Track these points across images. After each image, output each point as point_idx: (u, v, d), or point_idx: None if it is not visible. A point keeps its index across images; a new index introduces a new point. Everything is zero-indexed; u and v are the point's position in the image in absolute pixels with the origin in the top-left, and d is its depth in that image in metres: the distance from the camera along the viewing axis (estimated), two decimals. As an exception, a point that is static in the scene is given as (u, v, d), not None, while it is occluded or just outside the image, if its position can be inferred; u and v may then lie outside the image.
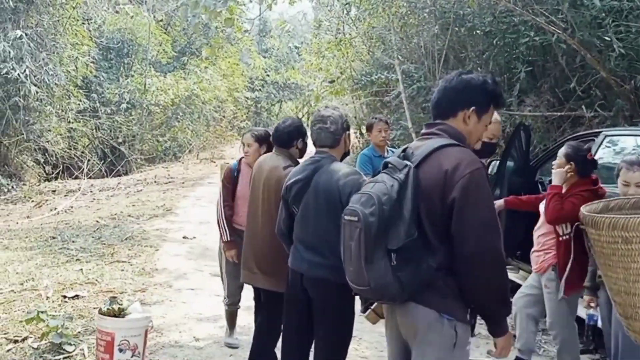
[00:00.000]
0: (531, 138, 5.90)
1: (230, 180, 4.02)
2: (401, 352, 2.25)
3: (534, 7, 6.50)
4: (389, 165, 2.14)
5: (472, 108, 2.18)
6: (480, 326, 4.02)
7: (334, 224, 2.58)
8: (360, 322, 2.95)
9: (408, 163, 2.09)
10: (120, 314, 3.50)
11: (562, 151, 3.52)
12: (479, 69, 7.92)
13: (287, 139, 3.33)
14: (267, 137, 3.86)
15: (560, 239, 3.42)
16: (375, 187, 2.08)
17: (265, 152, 3.73)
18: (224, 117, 19.48)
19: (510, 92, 7.24)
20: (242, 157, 4.08)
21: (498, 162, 4.99)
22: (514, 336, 3.56)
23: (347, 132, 2.98)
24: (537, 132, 7.21)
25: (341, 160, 2.98)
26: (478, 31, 8.18)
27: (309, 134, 3.14)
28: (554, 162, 3.59)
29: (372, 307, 2.51)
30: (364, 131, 13.30)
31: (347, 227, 2.12)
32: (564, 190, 3.44)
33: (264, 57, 26.65)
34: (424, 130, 2.28)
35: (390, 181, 2.06)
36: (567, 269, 3.36)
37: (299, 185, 2.86)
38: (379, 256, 2.01)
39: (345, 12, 12.29)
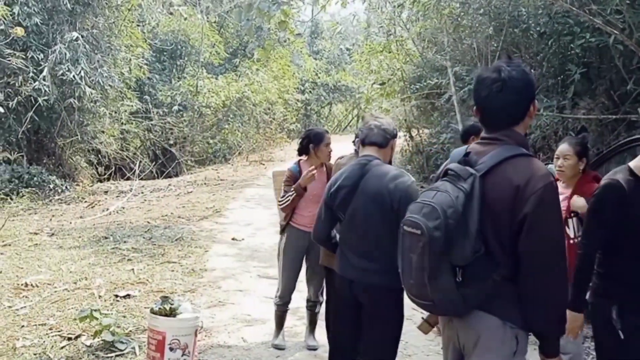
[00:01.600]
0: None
1: (294, 183, 4.00)
2: None
3: (591, 7, 6.25)
4: (451, 172, 2.00)
5: (533, 103, 2.06)
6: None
7: (384, 229, 2.59)
8: (407, 325, 2.85)
9: (473, 172, 1.96)
10: (171, 313, 3.47)
11: (569, 149, 3.32)
12: (532, 71, 7.71)
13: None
14: None
15: (571, 241, 3.18)
16: (438, 197, 1.95)
17: None
18: (273, 119, 19.53)
19: (564, 94, 7.05)
20: (300, 159, 4.13)
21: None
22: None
23: (395, 139, 2.93)
24: (591, 136, 6.93)
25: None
26: (533, 32, 7.97)
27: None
28: (558, 164, 3.35)
29: (425, 318, 2.43)
30: (413, 134, 13.10)
31: (408, 238, 2.01)
32: (569, 189, 3.30)
33: (315, 58, 26.67)
34: (485, 134, 2.12)
35: (454, 192, 1.93)
36: None
37: (345, 191, 2.78)
38: (443, 272, 1.92)
39: (396, 14, 12.13)
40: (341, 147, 5.68)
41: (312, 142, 4.07)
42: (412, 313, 2.61)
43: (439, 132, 10.78)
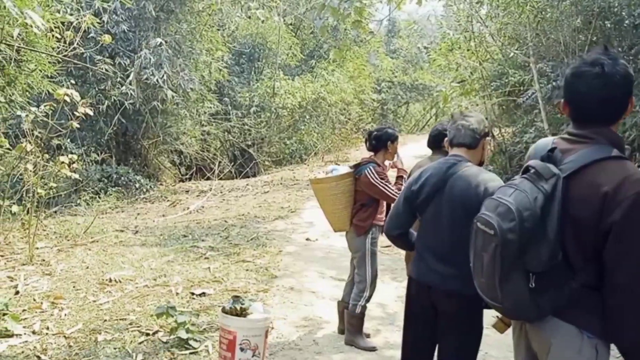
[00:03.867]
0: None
1: (386, 177, 4.12)
2: None
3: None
4: (531, 169, 1.85)
5: (631, 99, 1.87)
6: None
7: (469, 234, 2.39)
8: (487, 335, 2.69)
9: (557, 172, 1.81)
10: (242, 313, 3.50)
11: None
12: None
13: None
14: None
15: None
16: (515, 195, 1.81)
17: None
18: (349, 119, 19.53)
19: (661, 91, 6.52)
20: (373, 156, 4.23)
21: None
22: None
23: (487, 138, 2.77)
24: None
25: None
26: (626, 24, 7.43)
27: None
28: None
29: (499, 316, 2.29)
30: (495, 133, 12.65)
31: (480, 236, 1.90)
32: None
33: (392, 57, 26.43)
34: (574, 130, 1.94)
35: (533, 192, 1.79)
36: None
37: (429, 189, 2.65)
38: (516, 276, 1.80)
39: (475, 10, 11.75)
40: (418, 147, 5.58)
41: (390, 139, 4.18)
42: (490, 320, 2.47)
43: (522, 130, 10.37)
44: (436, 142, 3.99)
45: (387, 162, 4.29)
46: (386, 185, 4.03)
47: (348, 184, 4.17)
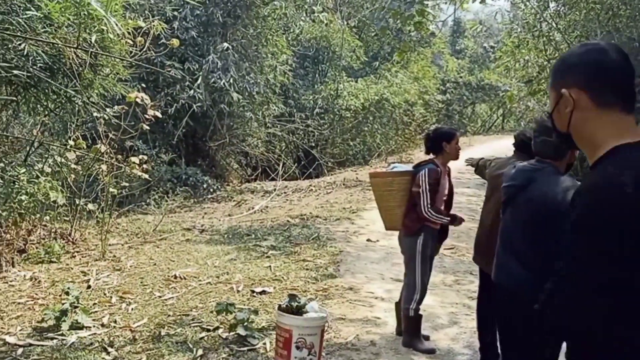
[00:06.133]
0: None
1: (440, 182, 4.10)
2: None
3: None
4: None
5: None
6: None
7: (548, 239, 2.38)
8: None
9: None
10: (298, 311, 3.54)
11: None
12: None
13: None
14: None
15: None
16: None
17: None
18: (413, 120, 19.34)
19: None
20: (433, 158, 4.17)
21: None
22: None
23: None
24: None
25: (566, 171, 2.76)
26: None
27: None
28: None
29: None
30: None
31: None
32: None
33: (457, 58, 25.97)
34: None
35: None
36: None
37: (511, 190, 2.70)
38: None
39: (542, 8, 11.35)
40: (485, 148, 5.48)
41: (444, 139, 4.09)
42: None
43: (593, 130, 9.90)
44: (522, 145, 3.84)
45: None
46: (426, 194, 3.97)
47: (404, 183, 4.14)
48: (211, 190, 12.11)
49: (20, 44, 5.19)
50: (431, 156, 4.19)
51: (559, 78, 1.54)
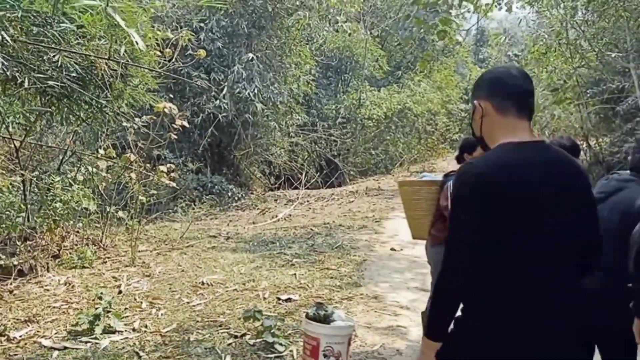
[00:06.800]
0: None
1: None
2: None
3: None
4: None
5: None
6: None
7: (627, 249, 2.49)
8: None
9: None
10: (325, 320, 3.59)
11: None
12: None
13: None
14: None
15: None
16: None
17: None
18: (435, 129, 19.31)
19: None
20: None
21: None
22: None
23: None
24: None
25: None
26: None
27: None
28: None
29: None
30: (591, 143, 12.06)
31: None
32: None
33: (480, 67, 25.89)
34: None
35: None
36: None
37: (600, 197, 2.78)
38: None
39: (569, 15, 11.28)
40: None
41: (466, 150, 4.10)
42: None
43: (622, 139, 9.84)
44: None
45: None
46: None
47: (433, 192, 4.16)
48: (235, 198, 12.26)
49: (54, 56, 5.39)
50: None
51: (475, 92, 1.92)
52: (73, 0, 4.57)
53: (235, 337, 4.37)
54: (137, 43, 5.16)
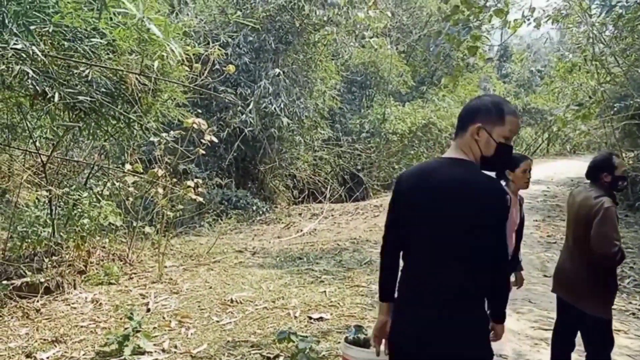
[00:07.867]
0: None
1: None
2: None
3: None
4: None
5: None
6: None
7: None
8: None
9: None
10: (365, 344, 3.46)
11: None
12: None
13: (593, 172, 3.56)
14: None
15: None
16: None
17: None
18: (459, 144, 19.10)
19: None
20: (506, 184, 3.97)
21: None
22: None
23: None
24: None
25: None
26: None
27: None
28: None
29: None
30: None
31: None
32: None
33: (504, 82, 25.68)
34: None
35: None
36: None
37: None
38: None
39: (596, 31, 11.08)
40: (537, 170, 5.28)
41: (508, 168, 3.91)
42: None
43: (646, 155, 9.59)
44: (592, 173, 3.67)
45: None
46: None
47: None
48: (260, 212, 12.19)
49: (84, 71, 5.38)
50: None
51: None
52: (113, 5, 4.55)
53: (268, 358, 4.25)
54: (173, 52, 5.14)
